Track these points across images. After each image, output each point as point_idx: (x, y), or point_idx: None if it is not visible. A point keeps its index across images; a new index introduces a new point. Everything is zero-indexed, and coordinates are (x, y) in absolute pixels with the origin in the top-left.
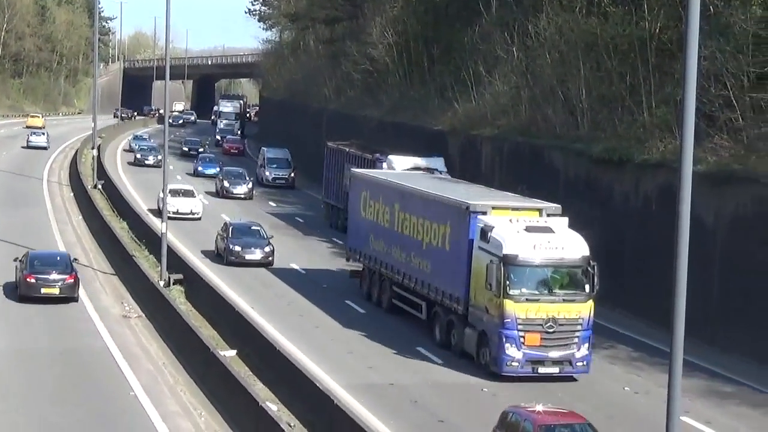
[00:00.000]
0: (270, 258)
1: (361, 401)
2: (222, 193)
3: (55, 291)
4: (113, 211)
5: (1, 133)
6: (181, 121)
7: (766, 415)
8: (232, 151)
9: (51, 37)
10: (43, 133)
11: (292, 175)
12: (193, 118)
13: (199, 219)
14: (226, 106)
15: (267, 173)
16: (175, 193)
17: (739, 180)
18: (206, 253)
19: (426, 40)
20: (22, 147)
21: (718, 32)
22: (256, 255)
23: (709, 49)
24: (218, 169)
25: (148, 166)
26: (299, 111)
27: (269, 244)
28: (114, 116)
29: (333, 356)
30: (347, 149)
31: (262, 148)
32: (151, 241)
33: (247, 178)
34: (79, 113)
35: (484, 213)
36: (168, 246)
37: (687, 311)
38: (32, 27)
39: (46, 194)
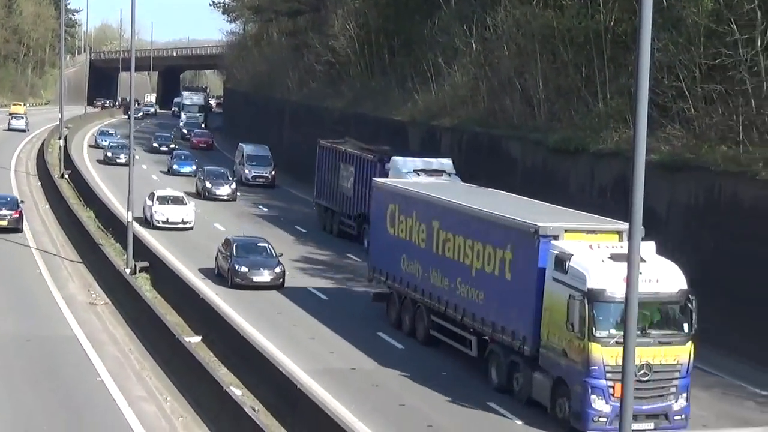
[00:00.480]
0: (281, 279)
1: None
2: (204, 195)
3: (4, 223)
4: (80, 200)
5: None
6: (140, 114)
7: (715, 397)
8: (200, 145)
9: (18, 28)
10: (23, 118)
11: (273, 173)
12: (153, 110)
13: (191, 229)
14: (190, 99)
15: (247, 171)
16: (164, 200)
17: (691, 169)
18: (205, 272)
19: (387, 33)
20: (4, 129)
21: (671, 25)
22: (266, 277)
23: (662, 41)
24: (194, 167)
25: (121, 164)
26: (263, 102)
27: (279, 263)
28: (93, 106)
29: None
30: (343, 148)
31: (240, 144)
32: (118, 229)
33: (230, 178)
34: (45, 104)
35: (556, 237)
36: (134, 234)
37: None
38: (0, 19)
39: (14, 183)
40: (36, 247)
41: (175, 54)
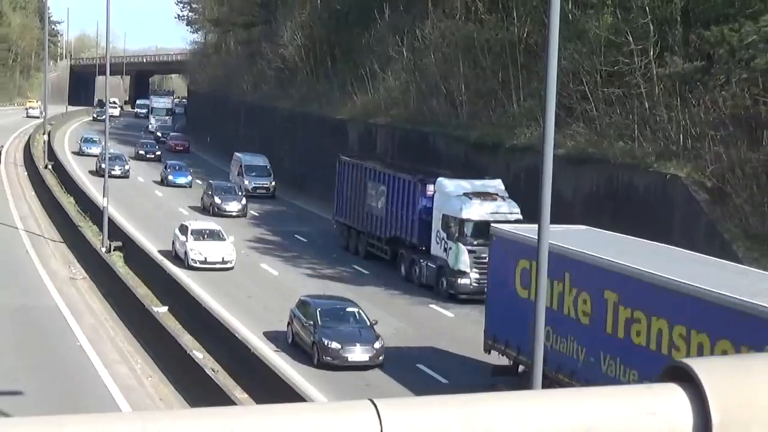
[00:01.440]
0: (381, 357)
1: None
2: (212, 211)
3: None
4: (62, 188)
5: None
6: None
7: None
8: (177, 148)
9: (7, 37)
10: (36, 108)
11: (273, 183)
12: (117, 112)
13: (232, 269)
14: (159, 102)
15: (246, 182)
16: (199, 234)
17: (593, 161)
18: (273, 338)
19: (330, 42)
20: (23, 117)
21: (576, 36)
22: (362, 354)
23: (567, 50)
24: (190, 177)
25: (115, 177)
26: (222, 103)
27: (377, 337)
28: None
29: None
30: (370, 166)
31: (237, 154)
32: (94, 213)
33: (239, 193)
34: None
35: None
36: (109, 218)
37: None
38: None
39: (3, 173)
40: (23, 228)
41: (145, 60)
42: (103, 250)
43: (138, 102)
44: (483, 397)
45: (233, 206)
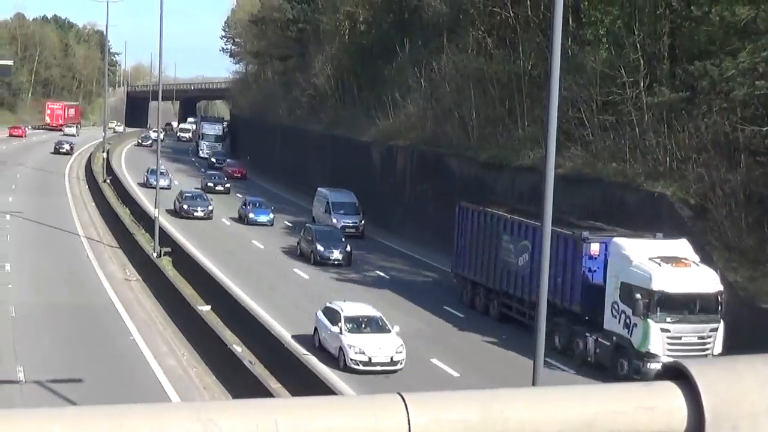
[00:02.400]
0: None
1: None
2: (314, 260)
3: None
4: (118, 200)
5: (34, 140)
6: (149, 142)
7: None
8: (235, 174)
9: (72, 67)
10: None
11: (363, 222)
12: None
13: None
14: (210, 128)
15: (334, 221)
16: (356, 324)
17: (589, 181)
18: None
19: (356, 73)
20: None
21: (575, 69)
22: None
23: (567, 81)
24: (272, 215)
25: (198, 218)
26: (260, 126)
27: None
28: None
29: None
30: (506, 216)
31: (321, 189)
32: (147, 222)
33: (342, 240)
34: (92, 125)
35: None
36: (159, 227)
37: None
38: (57, 59)
39: (68, 186)
40: (84, 235)
41: (192, 87)
42: (154, 255)
43: (181, 126)
44: (501, 392)
45: (338, 254)
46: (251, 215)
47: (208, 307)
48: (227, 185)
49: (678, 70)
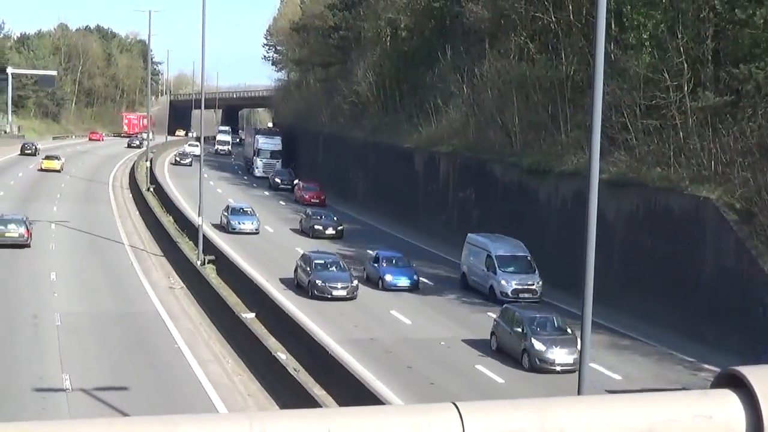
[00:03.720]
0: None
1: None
2: (533, 364)
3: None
4: (162, 208)
5: (78, 149)
6: (189, 161)
7: (653, 362)
8: (312, 200)
9: (115, 76)
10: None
11: (540, 283)
12: (228, 148)
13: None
14: (266, 143)
15: (503, 282)
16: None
17: (634, 186)
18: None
19: (398, 80)
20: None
21: (618, 74)
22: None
23: (610, 86)
24: (416, 276)
25: (341, 298)
26: (302, 133)
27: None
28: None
29: (395, 370)
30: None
31: (475, 236)
32: (191, 230)
33: (569, 330)
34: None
35: None
36: (203, 235)
37: (594, 284)
38: (101, 69)
39: (111, 195)
40: (128, 244)
41: (235, 96)
42: (198, 263)
43: (218, 137)
44: (556, 401)
45: (564, 356)
46: (388, 277)
47: (252, 315)
48: (340, 227)
49: (722, 74)
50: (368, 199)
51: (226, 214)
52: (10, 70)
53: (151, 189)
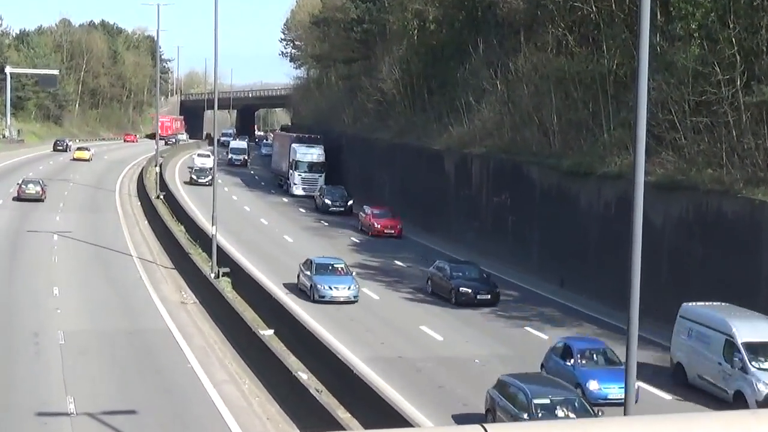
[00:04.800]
0: None
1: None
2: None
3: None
4: (172, 217)
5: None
6: (207, 180)
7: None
8: (386, 231)
9: (121, 75)
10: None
11: None
12: (244, 157)
13: None
14: (305, 153)
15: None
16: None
17: (682, 189)
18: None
19: (426, 76)
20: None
21: (664, 68)
22: None
23: (656, 81)
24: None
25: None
26: (323, 135)
27: None
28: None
29: (425, 391)
30: None
31: (696, 308)
32: (204, 241)
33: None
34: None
35: None
36: (217, 245)
37: (640, 295)
38: (106, 68)
39: (118, 203)
40: (137, 255)
41: (250, 95)
42: (212, 275)
43: (232, 144)
44: (596, 422)
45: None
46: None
47: (270, 332)
48: (497, 290)
49: None
50: (394, 204)
51: (308, 273)
52: (8, 69)
53: (161, 196)
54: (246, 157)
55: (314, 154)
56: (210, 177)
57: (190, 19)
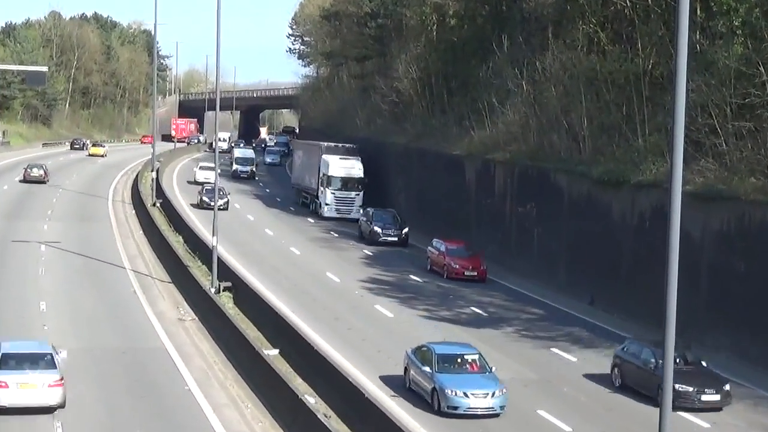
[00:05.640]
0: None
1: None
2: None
3: None
4: (170, 227)
5: (72, 157)
6: (225, 202)
7: (748, 407)
8: (466, 274)
9: (115, 73)
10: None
11: None
12: (251, 169)
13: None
14: (340, 168)
15: None
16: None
17: (724, 199)
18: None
19: (445, 75)
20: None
21: (704, 68)
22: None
23: (695, 82)
24: None
25: None
26: (334, 138)
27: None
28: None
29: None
30: None
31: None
32: (204, 253)
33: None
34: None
35: None
36: (218, 257)
37: (677, 315)
38: (99, 64)
39: (111, 211)
40: (131, 268)
41: (255, 95)
42: (212, 290)
43: (237, 154)
44: None
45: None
46: None
47: (275, 351)
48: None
49: None
50: (410, 214)
51: (427, 370)
52: None
53: (158, 204)
54: (253, 169)
55: (351, 167)
56: (226, 199)
57: (190, 12)
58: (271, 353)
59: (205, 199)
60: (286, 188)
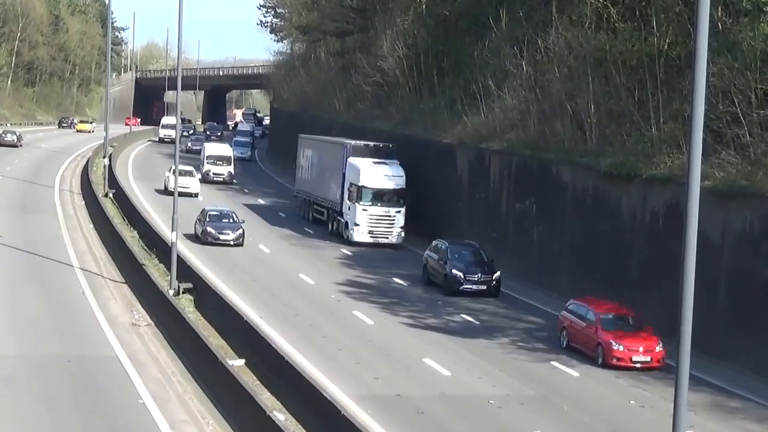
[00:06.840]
0: None
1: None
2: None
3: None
4: (124, 220)
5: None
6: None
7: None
8: (633, 360)
9: (64, 46)
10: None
11: None
12: (229, 170)
13: None
14: (378, 176)
15: None
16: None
17: (746, 196)
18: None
19: (436, 54)
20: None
21: (726, 49)
22: None
23: (717, 65)
24: None
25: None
26: (309, 122)
27: None
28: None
29: None
30: None
31: None
32: (162, 249)
33: None
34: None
35: None
36: (178, 255)
37: (693, 326)
38: (46, 36)
39: (58, 202)
40: (79, 266)
41: (221, 73)
42: (171, 292)
43: (208, 150)
44: None
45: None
46: None
47: (241, 362)
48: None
49: None
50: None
51: None
52: None
53: (110, 195)
54: (231, 170)
55: (389, 175)
56: (240, 231)
57: None
58: (236, 364)
59: (210, 230)
60: (282, 195)
